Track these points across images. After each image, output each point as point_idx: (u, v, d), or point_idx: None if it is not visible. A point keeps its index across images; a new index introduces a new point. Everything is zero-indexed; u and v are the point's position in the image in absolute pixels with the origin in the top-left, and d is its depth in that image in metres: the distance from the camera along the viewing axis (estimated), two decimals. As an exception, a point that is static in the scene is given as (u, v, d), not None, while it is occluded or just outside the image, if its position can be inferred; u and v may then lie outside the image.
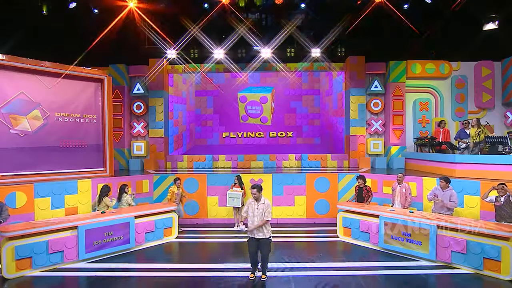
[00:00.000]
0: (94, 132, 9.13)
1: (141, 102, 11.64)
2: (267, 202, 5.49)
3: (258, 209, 5.45)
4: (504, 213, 6.00)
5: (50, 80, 8.33)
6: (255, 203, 5.52)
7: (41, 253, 5.84)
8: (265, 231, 5.46)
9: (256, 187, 5.51)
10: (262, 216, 5.40)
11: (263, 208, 5.41)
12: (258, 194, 5.47)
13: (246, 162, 11.73)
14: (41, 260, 5.84)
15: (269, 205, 5.47)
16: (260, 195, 5.51)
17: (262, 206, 5.45)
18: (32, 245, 5.76)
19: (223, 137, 12.96)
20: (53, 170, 8.25)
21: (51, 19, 9.39)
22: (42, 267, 5.88)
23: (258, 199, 5.50)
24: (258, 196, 5.48)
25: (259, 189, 5.51)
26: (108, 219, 6.68)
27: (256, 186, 5.53)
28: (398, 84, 11.31)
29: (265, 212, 5.39)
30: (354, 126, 11.53)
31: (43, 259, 5.87)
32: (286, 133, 12.86)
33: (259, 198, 5.51)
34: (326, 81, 12.56)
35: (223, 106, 12.98)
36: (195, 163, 11.75)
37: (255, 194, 5.48)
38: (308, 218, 9.36)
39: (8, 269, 5.56)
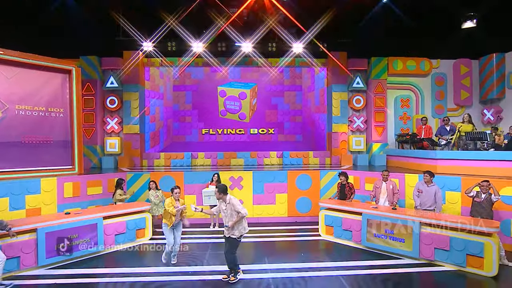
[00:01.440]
0: (61, 127, 8.44)
1: (115, 97, 10.99)
2: (232, 200, 5.18)
3: (226, 210, 5.18)
4: (481, 210, 5.93)
5: (10, 70, 7.60)
6: (223, 204, 5.23)
7: (-7, 259, 5.21)
8: (236, 232, 5.16)
9: (218, 188, 5.20)
10: (232, 216, 5.13)
11: (231, 209, 5.15)
12: (220, 195, 5.19)
13: (226, 159, 11.33)
14: (-7, 268, 5.21)
15: (235, 203, 5.16)
16: (223, 196, 5.20)
17: (229, 206, 5.18)
18: (-18, 250, 5.12)
19: (202, 134, 12.50)
20: (14, 168, 7.52)
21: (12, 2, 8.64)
22: (-6, 275, 5.25)
23: (223, 199, 5.20)
24: (220, 197, 5.20)
25: (221, 190, 5.18)
26: (72, 221, 6.12)
27: (218, 186, 5.24)
28: (380, 81, 11.24)
29: (233, 212, 5.11)
30: (336, 123, 11.38)
31: (-5, 266, 5.23)
32: (267, 129, 12.55)
33: (224, 199, 5.20)
34: (308, 77, 12.36)
35: (203, 101, 12.51)
36: (172, 161, 11.23)
37: (217, 195, 5.22)
38: (290, 216, 9.09)
39: (-48, 278, 4.91)
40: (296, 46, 10.94)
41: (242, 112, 12.44)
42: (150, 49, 11.00)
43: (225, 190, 5.24)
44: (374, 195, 7.39)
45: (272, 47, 11.30)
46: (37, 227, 5.69)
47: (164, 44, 10.86)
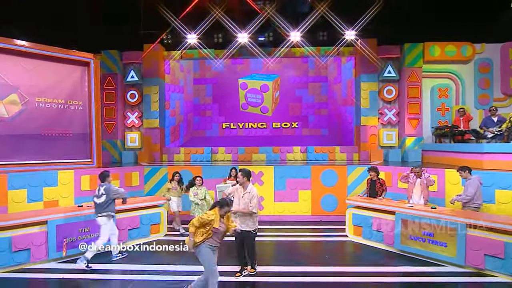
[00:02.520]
0: (80, 120, 8.35)
1: (135, 91, 10.87)
2: (253, 192, 4.75)
3: (244, 198, 4.76)
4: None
5: (30, 62, 7.58)
6: (241, 190, 4.81)
7: (3, 251, 5.07)
8: (250, 223, 4.78)
9: (243, 172, 4.78)
10: (246, 206, 4.72)
11: (248, 198, 4.72)
12: (242, 179, 4.76)
13: (247, 154, 10.85)
14: (3, 259, 5.08)
15: (255, 196, 4.73)
16: (245, 182, 4.78)
17: (247, 195, 4.74)
18: (-8, 242, 5.00)
19: (222, 128, 12.10)
20: (33, 160, 7.49)
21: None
22: (5, 267, 5.11)
23: (243, 185, 4.79)
24: (243, 181, 4.77)
25: (245, 174, 4.78)
26: (84, 214, 5.88)
27: (243, 170, 4.81)
28: (414, 69, 10.23)
29: (250, 201, 4.70)
30: (365, 115, 10.51)
31: (5, 258, 5.10)
32: (290, 123, 11.90)
33: (245, 185, 4.78)
34: (335, 67, 11.57)
35: (223, 95, 12.10)
36: (192, 156, 10.93)
37: (240, 179, 4.77)
38: (314, 215, 8.42)
39: (-37, 269, 4.81)
40: (322, 35, 10.24)
41: (264, 105, 11.89)
42: (170, 41, 10.80)
43: (249, 175, 4.82)
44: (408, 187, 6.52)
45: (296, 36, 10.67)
46: (47, 219, 5.49)
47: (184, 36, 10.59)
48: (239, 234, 4.75)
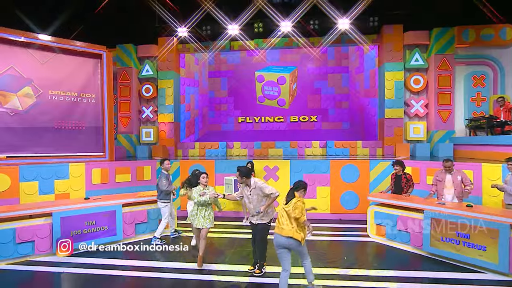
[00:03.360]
0: (92, 113, 8.29)
1: (150, 85, 10.74)
2: (258, 184, 4.36)
3: (252, 196, 4.38)
4: None
5: (44, 55, 7.56)
6: (247, 189, 4.45)
7: (7, 242, 4.96)
8: (265, 217, 4.42)
9: (240, 172, 4.37)
10: (259, 202, 4.35)
11: (257, 194, 4.34)
12: (241, 179, 4.39)
13: (263, 149, 10.41)
14: (7, 251, 4.97)
15: (262, 185, 4.35)
16: (246, 180, 4.40)
17: (254, 191, 4.37)
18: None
19: (238, 123, 11.72)
20: (46, 153, 7.48)
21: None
22: (9, 258, 5.01)
23: (246, 183, 4.42)
24: (242, 181, 4.41)
25: (243, 174, 4.37)
26: (89, 206, 5.70)
27: (240, 170, 4.39)
28: (444, 56, 9.34)
29: (263, 195, 4.32)
30: (389, 107, 9.74)
31: (9, 250, 4.99)
32: (309, 117, 11.30)
33: (248, 183, 4.41)
34: (356, 57, 10.86)
35: (239, 88, 11.72)
36: (207, 151, 10.64)
37: (239, 179, 4.42)
38: (333, 213, 7.84)
39: (-32, 259, 4.72)
40: (342, 22, 9.59)
41: (281, 98, 11.38)
42: (185, 34, 10.55)
43: (248, 173, 4.42)
44: (436, 190, 5.82)
45: (315, 25, 10.09)
46: (52, 211, 5.34)
47: (198, 29, 10.33)
48: (253, 227, 4.50)
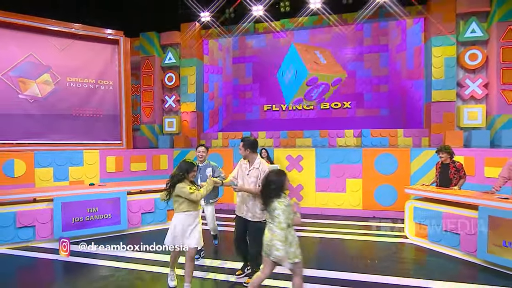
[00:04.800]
0: (110, 101, 8.24)
1: (173, 73, 10.51)
2: (263, 166, 3.59)
3: (250, 176, 3.60)
4: None
5: (62, 42, 7.61)
6: (245, 165, 3.68)
7: (7, 226, 4.88)
8: (258, 212, 3.52)
9: (245, 142, 3.63)
10: (254, 185, 3.56)
11: (256, 175, 3.56)
12: (245, 152, 3.61)
13: (290, 139, 9.65)
14: (7, 235, 4.89)
15: (267, 170, 3.50)
16: (250, 155, 3.63)
17: (255, 172, 3.60)
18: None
19: (264, 111, 11.06)
20: (64, 140, 7.53)
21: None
22: (9, 243, 4.92)
23: (249, 159, 3.66)
24: (245, 154, 3.62)
25: (249, 145, 3.61)
26: (92, 192, 5.47)
27: (245, 139, 3.67)
28: (510, 24, 7.75)
29: (258, 180, 3.51)
30: (438, 89, 8.37)
31: (10, 234, 4.91)
32: (342, 103, 10.24)
33: (251, 159, 3.64)
34: (397, 33, 9.57)
35: (265, 73, 11.04)
36: (230, 141, 10.15)
37: (241, 151, 3.64)
38: (365, 209, 6.89)
39: (-30, 241, 4.71)
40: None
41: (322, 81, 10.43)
42: (208, 19, 10.16)
43: (254, 145, 3.65)
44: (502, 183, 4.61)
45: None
46: (53, 195, 5.18)
47: (222, 12, 9.88)
48: (241, 222, 3.67)
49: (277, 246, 2.78)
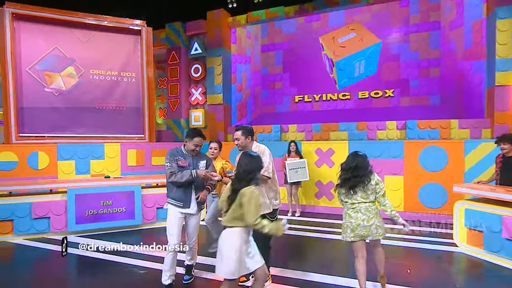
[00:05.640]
0: (133, 93, 8.43)
1: (199, 65, 10.54)
2: (261, 148, 3.41)
3: None
4: None
5: (85, 33, 7.94)
6: None
7: (23, 217, 5.13)
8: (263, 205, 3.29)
9: (243, 129, 3.42)
10: None
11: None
12: (245, 140, 3.38)
13: (323, 133, 9.14)
14: (23, 226, 5.15)
15: (265, 153, 3.38)
16: (250, 145, 3.42)
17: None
18: (13, 206, 5.10)
19: (295, 102, 10.59)
20: (87, 134, 7.84)
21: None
22: (25, 234, 5.18)
23: (246, 149, 3.34)
24: (246, 144, 3.38)
25: (248, 132, 3.42)
26: (106, 185, 5.58)
27: (243, 127, 3.47)
28: None
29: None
30: (504, 70, 7.32)
31: (26, 225, 5.16)
32: (383, 91, 9.42)
33: (248, 148, 3.38)
34: (452, 7, 8.54)
35: (296, 61, 10.57)
36: (259, 135, 9.90)
37: (241, 140, 3.38)
38: (407, 211, 6.23)
39: (-12, 230, 5.02)
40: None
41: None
42: (234, 4, 10.04)
43: (253, 133, 3.49)
44: None
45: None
46: (67, 187, 5.35)
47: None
48: None
49: None
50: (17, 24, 7.22)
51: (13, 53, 7.12)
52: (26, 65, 7.35)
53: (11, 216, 5.06)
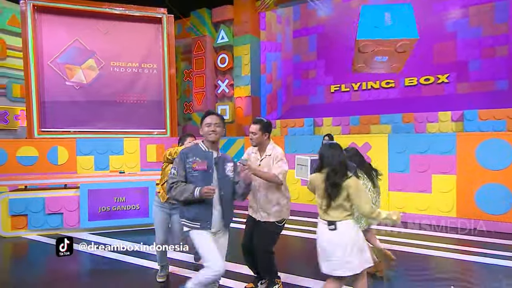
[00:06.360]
0: (154, 85, 8.61)
1: (225, 54, 10.54)
2: (277, 152, 3.19)
3: (261, 167, 3.20)
4: None
5: (105, 24, 8.25)
6: (256, 154, 3.31)
7: (37, 212, 5.42)
8: (272, 210, 3.18)
9: (260, 122, 3.21)
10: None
11: (269, 164, 3.16)
12: (262, 137, 3.18)
13: (363, 126, 8.69)
14: (37, 221, 5.44)
15: (280, 158, 3.15)
16: (266, 142, 3.23)
17: (267, 160, 3.20)
18: (27, 200, 5.40)
19: (330, 93, 10.14)
20: (108, 128, 8.14)
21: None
22: (40, 229, 5.46)
23: (261, 146, 3.25)
24: (262, 140, 3.20)
25: (266, 127, 3.22)
26: (120, 181, 5.72)
27: (261, 120, 3.25)
28: None
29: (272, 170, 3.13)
30: None
31: (40, 220, 5.44)
32: (435, 77, 8.61)
33: (264, 146, 3.24)
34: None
35: (332, 47, 10.11)
36: (289, 130, 9.69)
37: (257, 135, 3.17)
38: (461, 217, 5.67)
39: (3, 225, 5.36)
40: None
41: None
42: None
43: (271, 129, 3.29)
44: None
45: None
46: (80, 182, 5.55)
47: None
48: (250, 224, 3.33)
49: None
50: (39, 16, 7.67)
51: (35, 47, 7.57)
52: (48, 58, 7.79)
53: (25, 211, 5.36)
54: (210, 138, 2.62)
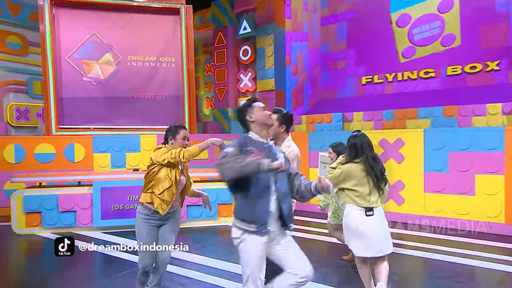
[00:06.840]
0: (172, 80, 8.71)
1: (248, 46, 10.46)
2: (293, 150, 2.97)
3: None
4: None
5: (122, 17, 8.42)
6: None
7: (51, 209, 5.59)
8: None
9: (282, 113, 3.05)
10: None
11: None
12: (278, 129, 2.99)
13: (397, 121, 8.29)
14: (51, 219, 5.62)
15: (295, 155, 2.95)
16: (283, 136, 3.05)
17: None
18: (41, 197, 5.59)
19: (362, 85, 9.72)
20: (125, 125, 8.32)
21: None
22: (53, 227, 5.64)
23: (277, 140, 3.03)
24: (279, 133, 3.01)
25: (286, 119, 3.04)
26: (132, 178, 5.79)
27: (281, 110, 3.09)
28: None
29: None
30: None
31: (53, 218, 5.62)
32: (483, 64, 8.01)
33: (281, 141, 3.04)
34: None
35: (363, 34, 9.70)
36: (316, 126, 9.44)
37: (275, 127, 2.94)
38: (511, 224, 5.24)
39: (18, 222, 5.58)
40: None
41: (447, 33, 8.47)
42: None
43: (291, 122, 3.13)
44: None
45: None
46: (93, 179, 5.68)
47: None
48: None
49: None
50: (56, 10, 7.96)
51: (52, 42, 7.86)
52: (65, 53, 8.07)
53: (39, 208, 5.56)
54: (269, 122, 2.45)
